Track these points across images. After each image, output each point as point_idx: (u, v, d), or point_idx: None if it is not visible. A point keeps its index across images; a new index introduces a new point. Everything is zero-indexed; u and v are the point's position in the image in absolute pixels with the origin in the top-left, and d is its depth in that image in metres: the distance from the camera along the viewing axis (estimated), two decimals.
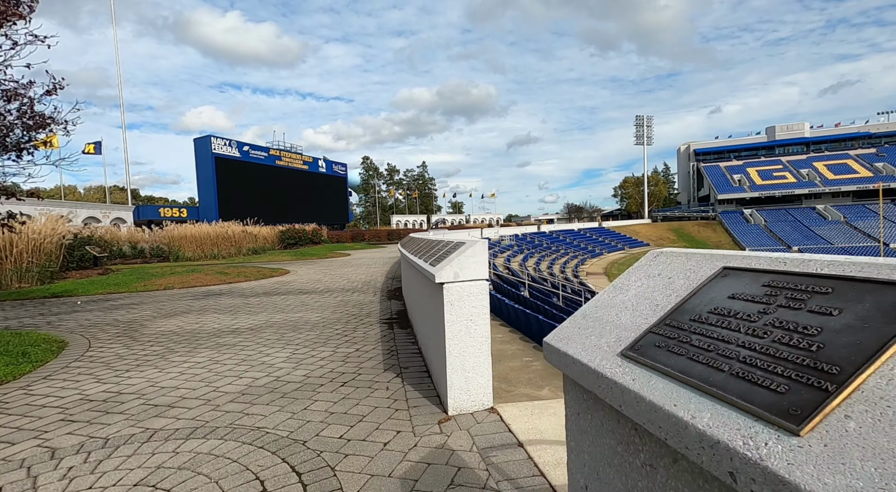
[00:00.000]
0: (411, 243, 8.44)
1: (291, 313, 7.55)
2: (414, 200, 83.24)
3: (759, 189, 71.72)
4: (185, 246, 21.33)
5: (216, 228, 22.26)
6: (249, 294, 10.11)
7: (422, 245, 6.57)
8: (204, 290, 11.14)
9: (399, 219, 71.74)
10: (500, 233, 53.59)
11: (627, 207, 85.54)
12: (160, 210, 43.00)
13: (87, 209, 33.03)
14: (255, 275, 13.69)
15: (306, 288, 10.92)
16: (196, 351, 5.23)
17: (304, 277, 13.43)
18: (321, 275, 14.10)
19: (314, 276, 13.93)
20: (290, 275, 14.29)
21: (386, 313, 7.48)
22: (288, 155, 52.32)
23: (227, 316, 7.45)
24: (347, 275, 13.96)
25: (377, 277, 13.21)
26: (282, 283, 12.23)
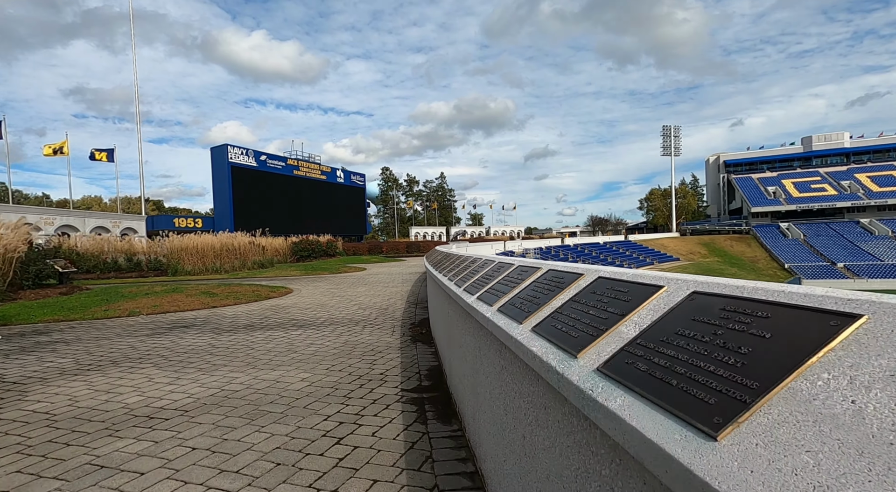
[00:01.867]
0: (445, 263, 5.77)
1: (265, 370, 4.85)
2: (433, 211, 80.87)
3: (797, 202, 67.28)
4: (184, 259, 19.04)
5: (220, 239, 19.95)
6: (226, 328, 7.48)
7: (462, 267, 4.42)
8: (174, 318, 8.57)
9: (418, 230, 69.32)
10: (524, 246, 50.59)
11: (653, 220, 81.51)
12: (175, 220, 41.40)
13: (97, 219, 31.32)
14: (249, 296, 11.12)
15: (304, 318, 8.25)
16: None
17: (307, 300, 10.79)
18: (328, 297, 11.46)
19: (319, 298, 11.30)
20: (291, 296, 11.69)
21: (411, 373, 4.71)
22: (306, 165, 50.55)
23: (168, 374, 4.79)
24: (360, 297, 11.29)
25: (396, 301, 10.50)
26: (276, 308, 9.61)
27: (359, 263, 26.68)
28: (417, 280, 15.77)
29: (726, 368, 0.80)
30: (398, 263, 27.27)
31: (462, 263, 4.78)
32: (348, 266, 23.10)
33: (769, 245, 62.44)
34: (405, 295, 11.53)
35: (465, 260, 4.83)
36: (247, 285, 13.36)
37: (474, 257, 4.51)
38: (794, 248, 61.56)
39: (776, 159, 74.14)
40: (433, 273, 5.72)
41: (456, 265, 5.03)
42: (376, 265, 25.65)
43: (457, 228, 74.82)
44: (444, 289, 4.11)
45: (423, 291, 12.28)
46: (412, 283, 14.84)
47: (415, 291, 12.42)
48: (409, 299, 10.69)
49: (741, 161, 75.66)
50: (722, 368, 0.81)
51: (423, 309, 9.06)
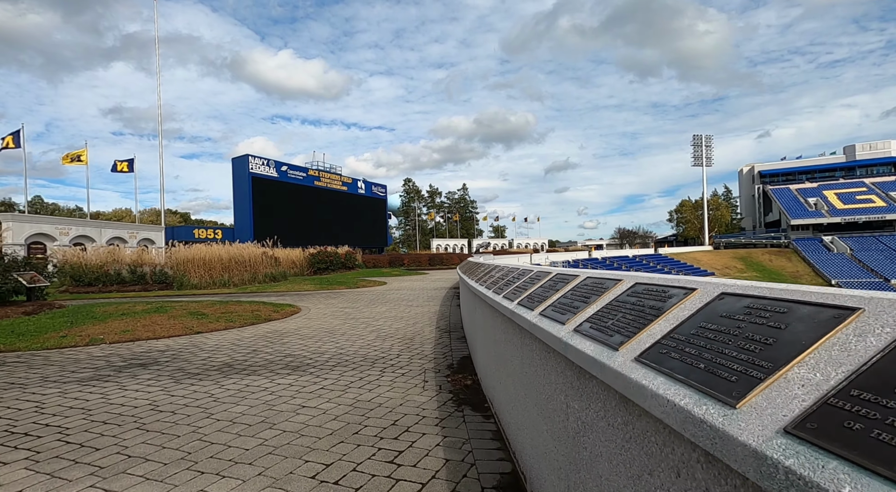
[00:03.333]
0: (485, 274, 3.66)
1: (201, 479, 2.71)
2: (454, 223, 78.87)
3: (841, 214, 62.76)
4: (191, 271, 17.33)
5: (228, 251, 18.21)
6: (195, 369, 5.40)
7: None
8: (140, 349, 6.57)
9: (439, 243, 67.32)
10: (551, 259, 47.92)
11: (684, 233, 77.51)
12: (195, 231, 40.41)
13: (114, 229, 30.27)
14: (245, 317, 9.10)
15: (303, 353, 6.13)
16: None
17: (314, 324, 8.71)
18: (340, 319, 9.35)
19: (329, 320, 9.20)
20: (297, 317, 9.63)
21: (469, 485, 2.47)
22: (327, 176, 49.34)
23: (30, 484, 2.70)
24: (378, 320, 9.15)
25: (423, 326, 8.32)
26: (274, 335, 7.54)
27: (379, 277, 24.66)
28: (446, 297, 13.57)
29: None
30: (421, 278, 25.12)
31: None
32: (367, 280, 21.08)
33: (812, 260, 58.08)
34: (434, 318, 9.34)
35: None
36: (248, 303, 11.39)
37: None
38: (841, 263, 57.03)
39: (816, 169, 69.76)
40: (485, 294, 3.54)
41: (502, 278, 2.99)
42: (397, 279, 23.57)
43: (479, 241, 72.52)
44: (495, 306, 2.12)
45: (455, 313, 10.07)
46: (440, 301, 12.65)
47: (445, 313, 10.22)
48: (439, 324, 8.49)
49: (778, 171, 71.48)
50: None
51: (461, 341, 6.84)
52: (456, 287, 17.27)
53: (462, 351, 6.15)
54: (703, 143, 69.13)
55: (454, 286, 17.81)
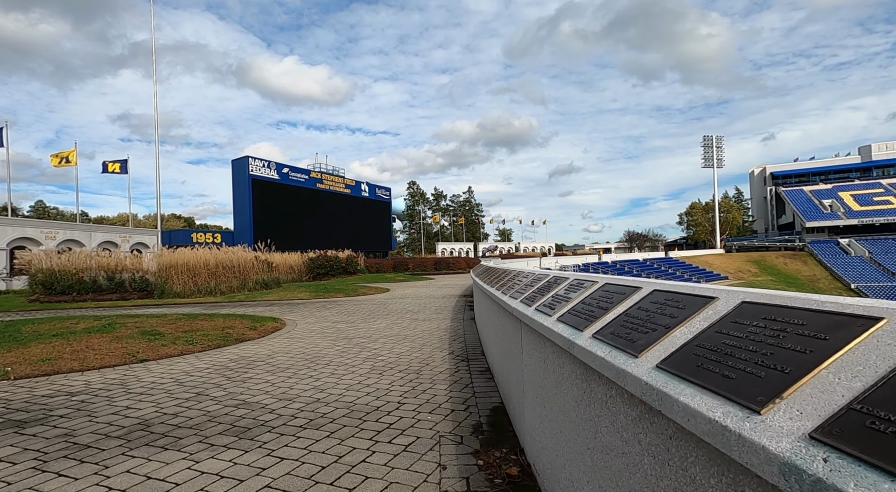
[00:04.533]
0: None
1: None
2: (460, 226, 77.01)
3: (858, 216, 60.40)
4: (173, 278, 15.55)
5: (216, 255, 16.43)
6: (87, 439, 3.55)
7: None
8: (43, 390, 4.72)
9: (445, 246, 65.46)
10: (560, 263, 45.96)
11: (694, 236, 75.20)
12: (192, 235, 38.73)
13: (105, 233, 28.63)
14: (211, 338, 7.26)
15: (262, 402, 4.25)
16: None
17: (293, 348, 6.85)
18: (329, 339, 7.49)
19: (315, 342, 7.35)
20: (275, 337, 7.77)
21: None
22: (329, 178, 47.69)
23: None
24: (376, 340, 7.28)
25: (433, 350, 6.44)
26: (234, 367, 5.69)
27: (381, 283, 22.81)
28: (456, 308, 11.68)
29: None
30: (426, 283, 23.23)
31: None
32: (368, 287, 19.22)
33: (829, 263, 55.71)
34: (445, 337, 7.46)
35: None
36: (224, 317, 9.54)
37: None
38: (860, 266, 54.63)
39: (830, 170, 67.47)
40: (520, 311, 1.66)
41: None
42: (401, 285, 21.70)
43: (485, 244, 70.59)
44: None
45: (470, 330, 8.19)
46: (450, 313, 10.77)
47: (457, 330, 8.33)
48: (452, 347, 6.61)
49: (790, 173, 69.25)
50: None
51: (485, 377, 4.95)
52: (466, 295, 15.38)
53: (490, 395, 4.27)
54: (713, 144, 67.06)
55: (464, 294, 15.92)
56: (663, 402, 1.02)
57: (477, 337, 7.44)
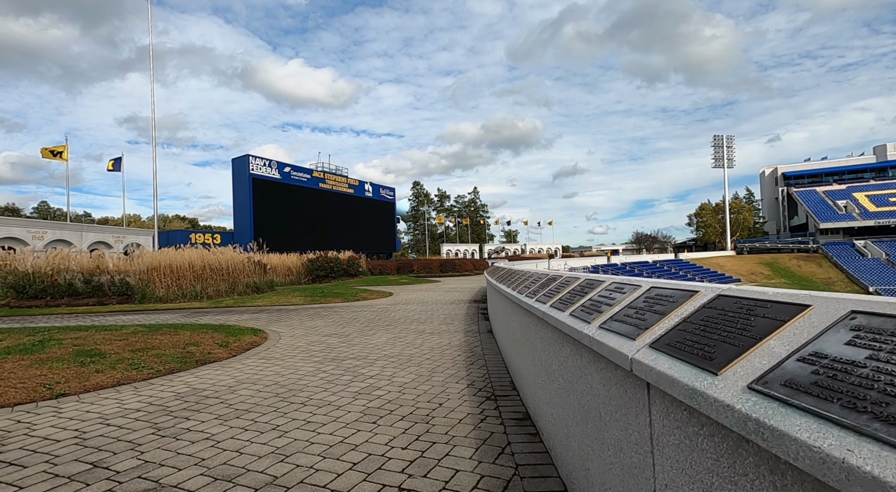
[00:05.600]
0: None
1: None
2: (465, 227, 75.38)
3: (874, 217, 58.32)
4: (156, 280, 14.06)
5: (203, 256, 14.93)
6: None
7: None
8: None
9: (449, 248, 63.87)
10: (568, 264, 44.29)
11: (704, 237, 73.17)
12: (191, 236, 37.34)
13: (97, 233, 27.26)
14: (166, 359, 5.71)
15: (183, 489, 2.71)
16: None
17: (265, 375, 5.29)
18: (312, 363, 5.92)
19: (293, 366, 5.79)
20: (248, 357, 6.21)
21: None
22: (332, 177, 46.27)
23: None
24: (371, 366, 5.71)
25: (444, 380, 4.86)
26: (176, 409, 4.13)
27: (384, 286, 21.25)
28: (468, 317, 10.09)
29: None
30: (433, 287, 21.66)
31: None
32: (370, 291, 17.66)
33: (845, 266, 53.66)
34: (459, 357, 5.88)
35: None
36: (193, 329, 7.96)
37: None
38: (878, 269, 52.56)
39: (844, 170, 65.39)
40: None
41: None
42: (406, 288, 20.14)
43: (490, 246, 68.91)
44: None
45: (489, 345, 6.58)
46: (461, 322, 9.19)
47: (473, 346, 6.74)
48: (470, 374, 5.03)
49: (803, 173, 67.22)
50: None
51: (526, 431, 3.34)
52: (478, 301, 13.79)
53: (541, 471, 2.68)
54: (724, 143, 65.16)
55: (475, 299, 14.33)
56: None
57: (500, 358, 5.85)
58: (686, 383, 1.04)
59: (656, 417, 1.31)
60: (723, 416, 0.91)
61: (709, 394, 0.95)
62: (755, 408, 0.84)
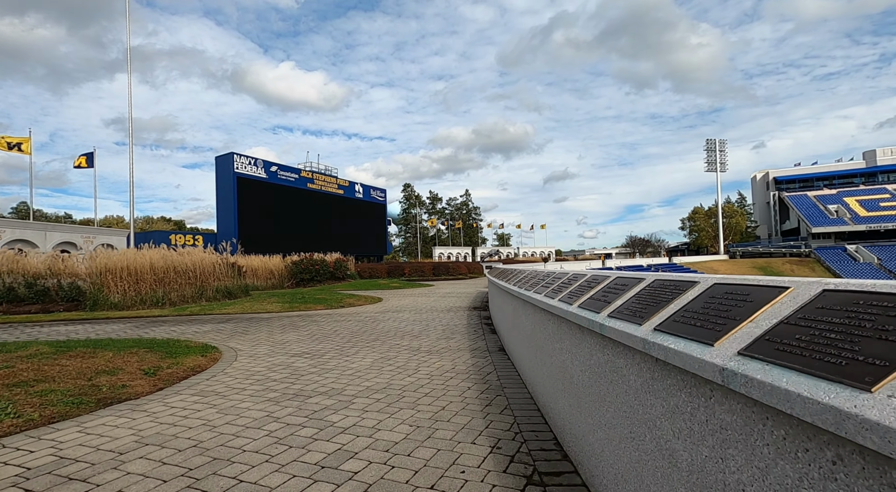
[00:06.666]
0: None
1: None
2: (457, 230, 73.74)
3: (865, 222, 57.93)
4: (111, 284, 12.19)
5: (166, 257, 13.09)
6: None
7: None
8: None
9: (441, 251, 62.17)
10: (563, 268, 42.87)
11: (697, 241, 72.42)
12: (171, 236, 35.20)
13: (64, 233, 25.11)
14: (55, 396, 3.97)
15: None
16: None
17: (188, 427, 3.58)
18: (265, 403, 4.21)
19: (233, 412, 4.07)
20: (175, 393, 4.47)
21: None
22: (321, 178, 44.42)
23: None
24: (346, 409, 4.01)
25: (451, 433, 3.18)
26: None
27: (373, 291, 19.51)
28: (471, 327, 8.40)
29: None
30: (426, 291, 19.96)
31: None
32: (357, 296, 15.91)
33: (838, 270, 53.03)
34: (470, 392, 4.21)
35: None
36: (118, 348, 6.18)
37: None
38: (870, 273, 52.03)
39: (834, 175, 65.18)
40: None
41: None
42: (397, 294, 18.43)
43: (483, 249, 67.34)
44: None
45: (506, 370, 4.90)
46: (464, 336, 7.51)
47: (484, 370, 5.07)
48: (490, 425, 3.36)
49: (794, 178, 66.88)
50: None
51: None
52: (478, 308, 12.14)
53: None
54: (716, 147, 64.55)
55: (474, 306, 12.68)
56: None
57: (526, 394, 4.20)
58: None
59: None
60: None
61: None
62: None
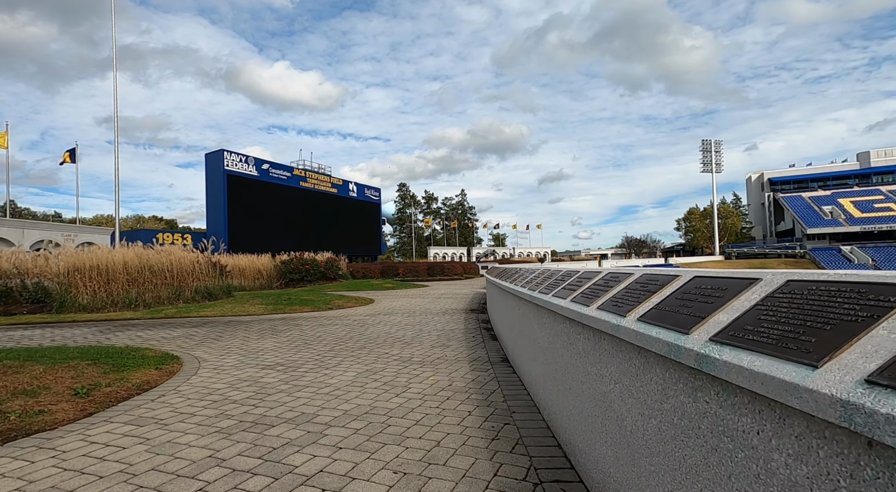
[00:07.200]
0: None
1: None
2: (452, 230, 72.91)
3: (860, 223, 57.76)
4: (80, 284, 11.23)
5: (141, 255, 12.15)
6: None
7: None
8: None
9: (437, 251, 61.31)
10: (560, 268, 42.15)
11: (692, 242, 72.07)
12: (158, 235, 34.07)
13: (43, 231, 24.00)
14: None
15: None
16: None
17: (94, 482, 2.70)
18: (211, 439, 3.35)
19: (164, 454, 3.20)
20: (103, 422, 3.60)
21: None
22: (314, 176, 43.42)
23: None
24: (313, 448, 3.16)
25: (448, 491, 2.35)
26: None
27: (365, 291, 18.63)
28: (468, 332, 7.55)
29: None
30: (420, 292, 19.10)
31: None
32: (347, 297, 15.02)
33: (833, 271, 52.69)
34: (471, 419, 3.37)
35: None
36: (54, 360, 5.27)
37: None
38: None
39: (829, 177, 65.06)
40: None
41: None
42: (390, 294, 17.56)
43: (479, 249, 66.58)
44: None
45: (510, 389, 4.06)
46: (462, 343, 6.66)
47: (486, 387, 4.22)
48: (497, 468, 2.53)
49: (788, 179, 66.72)
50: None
51: None
52: (475, 310, 11.31)
53: None
54: (711, 148, 64.23)
55: (472, 308, 11.85)
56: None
57: (539, 418, 3.37)
58: None
59: None
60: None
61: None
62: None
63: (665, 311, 1.66)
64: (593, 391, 2.30)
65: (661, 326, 1.59)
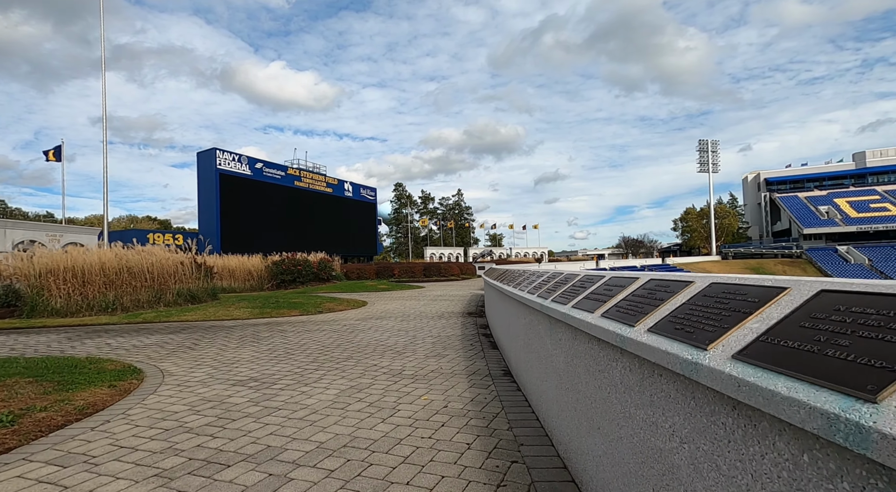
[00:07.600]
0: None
1: None
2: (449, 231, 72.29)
3: (856, 222, 57.62)
4: (55, 286, 10.53)
5: (120, 256, 11.45)
6: None
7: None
8: None
9: (433, 251, 60.66)
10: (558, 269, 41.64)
11: (689, 242, 71.77)
12: (149, 236, 33.27)
13: (27, 231, 23.17)
14: None
15: None
16: None
17: None
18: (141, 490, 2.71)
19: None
20: (24, 460, 2.95)
21: None
22: (309, 175, 42.70)
23: None
24: (281, 489, 2.54)
25: None
26: None
27: (358, 293, 17.97)
28: (465, 339, 6.91)
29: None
30: (415, 294, 18.46)
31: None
32: (339, 299, 14.36)
33: (830, 271, 52.54)
34: (471, 453, 2.75)
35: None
36: None
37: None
38: (861, 274, 51.55)
39: (825, 177, 64.92)
40: None
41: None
42: (384, 296, 16.91)
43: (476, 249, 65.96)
44: None
45: (515, 410, 3.42)
46: (460, 351, 6.02)
47: (486, 406, 3.59)
48: None
49: (785, 179, 66.54)
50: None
51: None
52: (473, 314, 10.68)
53: None
54: (708, 148, 63.94)
55: (469, 311, 11.23)
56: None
57: (553, 453, 2.74)
58: None
59: None
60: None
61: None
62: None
63: (789, 348, 1.03)
64: (639, 443, 1.67)
65: (788, 374, 0.96)
